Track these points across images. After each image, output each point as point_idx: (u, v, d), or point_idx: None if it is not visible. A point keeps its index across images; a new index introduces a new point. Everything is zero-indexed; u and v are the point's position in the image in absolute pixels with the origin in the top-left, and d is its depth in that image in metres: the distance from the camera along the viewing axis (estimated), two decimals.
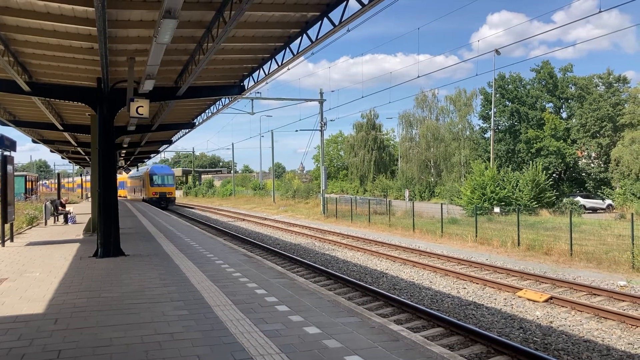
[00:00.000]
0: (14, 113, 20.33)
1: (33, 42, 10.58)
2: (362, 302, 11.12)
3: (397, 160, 70.36)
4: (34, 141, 28.90)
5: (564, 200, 38.98)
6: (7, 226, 15.19)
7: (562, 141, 49.95)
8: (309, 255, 18.62)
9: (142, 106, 12.16)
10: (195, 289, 8.69)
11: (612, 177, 45.71)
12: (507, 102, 54.13)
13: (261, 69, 13.76)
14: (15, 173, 19.21)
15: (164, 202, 48.79)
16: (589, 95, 49.29)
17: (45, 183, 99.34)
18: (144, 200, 51.04)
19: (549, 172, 45.27)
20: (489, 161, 40.69)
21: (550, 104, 54.93)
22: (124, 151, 34.22)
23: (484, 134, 57.81)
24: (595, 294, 11.87)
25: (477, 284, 13.16)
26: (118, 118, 13.77)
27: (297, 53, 11.32)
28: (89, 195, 38.99)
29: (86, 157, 35.82)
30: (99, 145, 12.99)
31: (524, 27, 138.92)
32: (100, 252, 12.54)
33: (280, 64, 12.47)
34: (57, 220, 23.91)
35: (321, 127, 38.51)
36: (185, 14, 8.82)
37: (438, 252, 18.22)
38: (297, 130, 72.15)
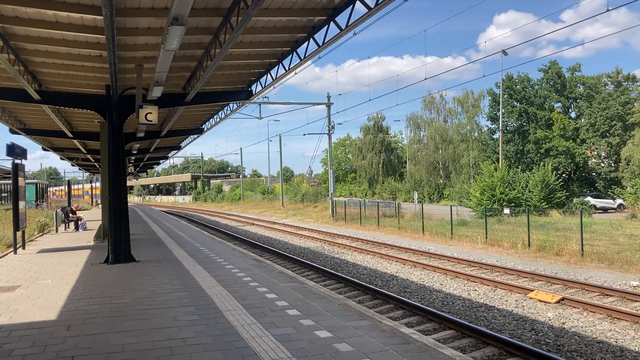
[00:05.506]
0: (24, 121, 20.51)
1: (42, 51, 10.67)
2: (373, 305, 11.10)
3: (406, 162, 70.27)
4: (44, 149, 29.03)
5: (574, 200, 38.71)
6: (18, 234, 15.31)
7: (571, 141, 49.61)
8: (319, 258, 18.61)
9: (151, 113, 12.24)
10: (205, 293, 8.72)
11: (623, 177, 45.31)
12: (515, 103, 53.86)
13: (268, 73, 13.79)
14: (26, 181, 19.38)
15: None
16: (597, 94, 48.95)
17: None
18: None
19: (559, 172, 44.98)
20: (498, 162, 40.50)
21: (559, 104, 54.62)
22: (133, 157, 34.38)
23: (493, 135, 57.52)
24: (607, 295, 11.76)
25: (488, 285, 13.10)
26: (127, 125, 13.86)
27: (304, 57, 11.34)
28: (99, 201, 39.28)
29: (96, 164, 36.03)
30: (108, 152, 13.07)
31: (532, 27, 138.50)
32: (111, 258, 12.61)
33: (287, 69, 12.49)
34: (68, 227, 24.09)
35: (329, 130, 38.55)
36: (193, 20, 8.86)
37: (448, 254, 18.15)
38: (304, 134, 73.06)
